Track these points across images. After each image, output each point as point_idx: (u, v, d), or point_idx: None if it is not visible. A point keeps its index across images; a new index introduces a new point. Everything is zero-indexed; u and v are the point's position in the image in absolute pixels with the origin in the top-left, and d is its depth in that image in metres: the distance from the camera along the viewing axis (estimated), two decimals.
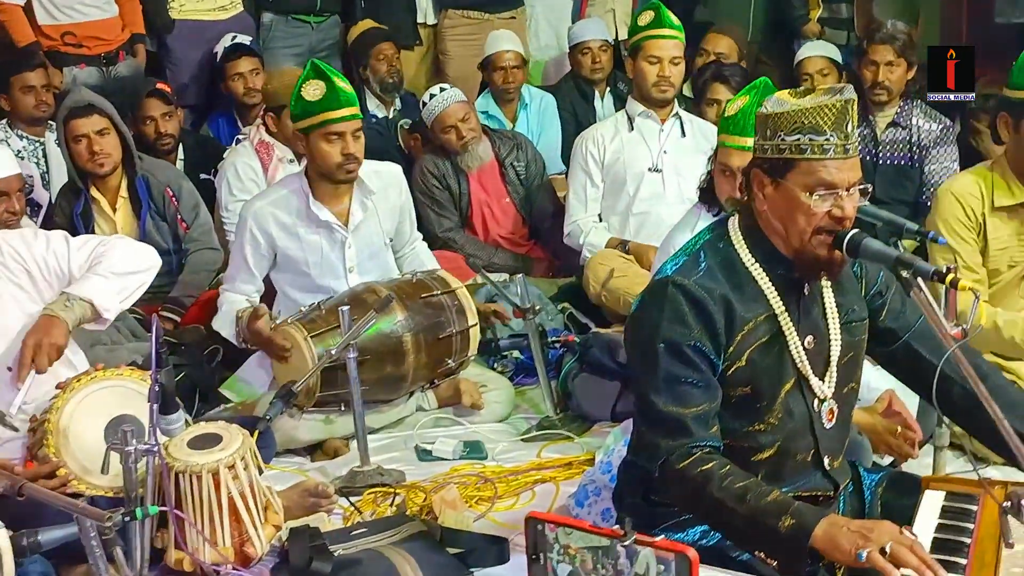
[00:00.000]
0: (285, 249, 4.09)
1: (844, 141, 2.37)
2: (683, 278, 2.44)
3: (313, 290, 4.12)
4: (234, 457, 2.87)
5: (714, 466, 2.37)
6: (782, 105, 2.39)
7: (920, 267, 2.36)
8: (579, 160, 4.99)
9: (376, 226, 4.20)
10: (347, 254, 4.13)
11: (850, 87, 2.42)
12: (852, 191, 2.40)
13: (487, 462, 3.79)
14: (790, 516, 2.26)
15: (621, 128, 4.94)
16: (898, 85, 5.11)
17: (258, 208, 4.10)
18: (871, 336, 2.65)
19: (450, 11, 6.48)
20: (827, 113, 2.35)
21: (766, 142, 2.42)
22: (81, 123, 4.49)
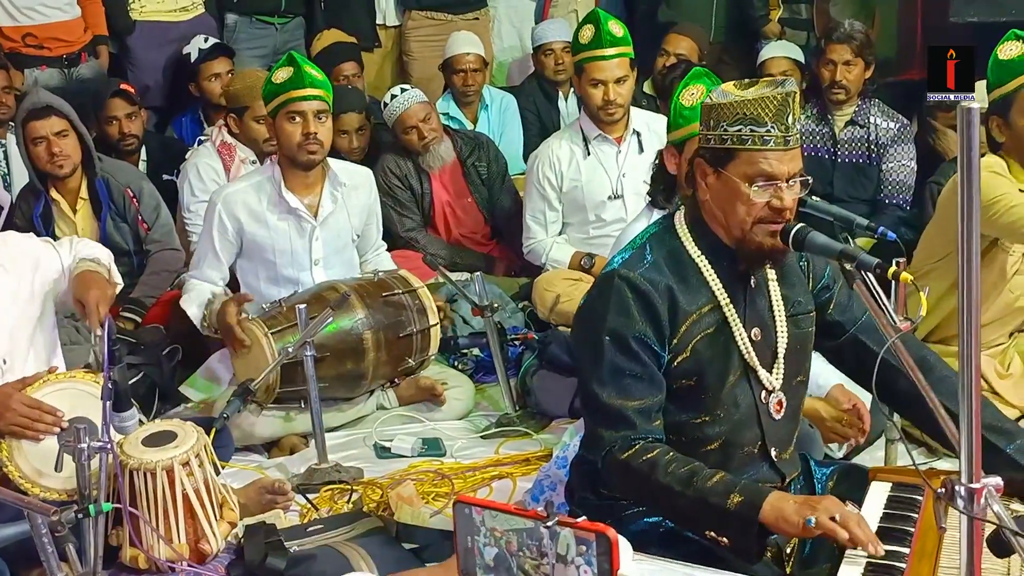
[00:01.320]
0: (252, 236, 4.10)
1: (784, 133, 2.40)
2: (628, 271, 2.48)
3: (277, 281, 4.15)
4: (188, 454, 2.88)
5: (658, 453, 2.41)
6: (726, 96, 2.43)
7: (863, 260, 2.39)
8: (535, 183, 4.85)
9: (345, 221, 4.22)
10: (314, 246, 4.15)
11: (792, 80, 2.46)
12: (792, 183, 2.44)
13: (445, 459, 3.81)
14: (738, 493, 2.31)
15: (576, 151, 4.76)
16: (856, 84, 5.16)
17: (228, 193, 4.13)
18: (818, 330, 2.68)
19: (414, 12, 6.49)
20: (768, 105, 2.38)
21: (709, 132, 2.45)
22: (39, 125, 4.47)
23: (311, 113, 3.96)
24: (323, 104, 4.01)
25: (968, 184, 1.80)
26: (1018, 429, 2.60)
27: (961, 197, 1.82)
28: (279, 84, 3.99)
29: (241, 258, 4.19)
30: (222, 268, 4.17)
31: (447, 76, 6.06)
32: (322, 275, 4.16)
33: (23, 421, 2.95)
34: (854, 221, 3.28)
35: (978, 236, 1.82)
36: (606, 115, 4.63)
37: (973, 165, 1.79)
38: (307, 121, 3.96)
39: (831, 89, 5.16)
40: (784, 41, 5.99)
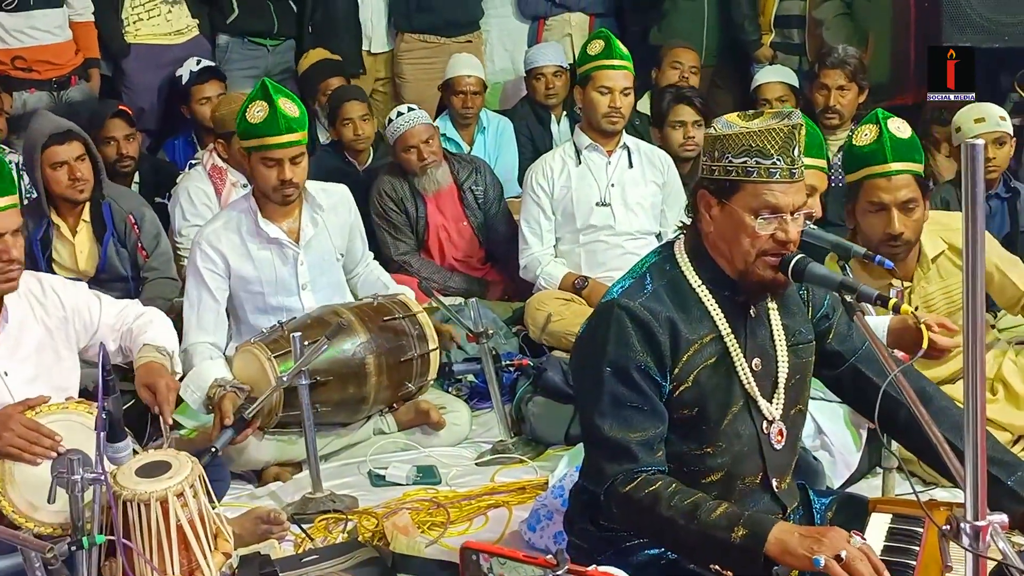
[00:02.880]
0: (238, 269, 4.07)
1: (790, 165, 2.40)
2: (629, 300, 2.47)
3: (266, 310, 4.11)
4: (183, 485, 2.84)
5: (660, 486, 2.40)
6: (731, 127, 2.42)
7: (863, 291, 2.39)
8: (530, 193, 4.95)
9: (327, 242, 4.20)
10: (299, 271, 4.12)
11: (797, 112, 2.46)
12: (797, 215, 2.43)
13: (440, 487, 3.78)
14: (742, 526, 2.30)
15: (569, 161, 4.91)
16: (849, 109, 5.19)
17: (209, 232, 4.10)
18: (818, 359, 2.68)
19: (406, 35, 6.49)
20: (774, 137, 2.38)
21: (714, 163, 2.44)
22: (61, 150, 4.42)
23: (287, 160, 3.91)
24: (299, 148, 3.94)
25: (972, 218, 1.80)
26: (1018, 461, 2.59)
27: (965, 231, 1.81)
28: (254, 125, 3.89)
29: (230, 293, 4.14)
30: (219, 310, 4.06)
31: (447, 97, 6.06)
32: (311, 299, 4.14)
33: (21, 443, 2.94)
34: (851, 249, 3.26)
35: (983, 271, 1.81)
36: (608, 123, 4.78)
37: (978, 200, 1.79)
38: (282, 168, 3.90)
39: (825, 114, 5.19)
40: (778, 65, 6.00)
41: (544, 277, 4.89)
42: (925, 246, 3.66)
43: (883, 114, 3.55)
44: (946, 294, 3.70)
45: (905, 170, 3.48)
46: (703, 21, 6.29)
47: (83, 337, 3.37)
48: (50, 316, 3.29)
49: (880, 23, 5.82)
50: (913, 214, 3.50)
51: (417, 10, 6.43)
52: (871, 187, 3.50)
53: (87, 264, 4.60)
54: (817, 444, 3.68)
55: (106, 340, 3.33)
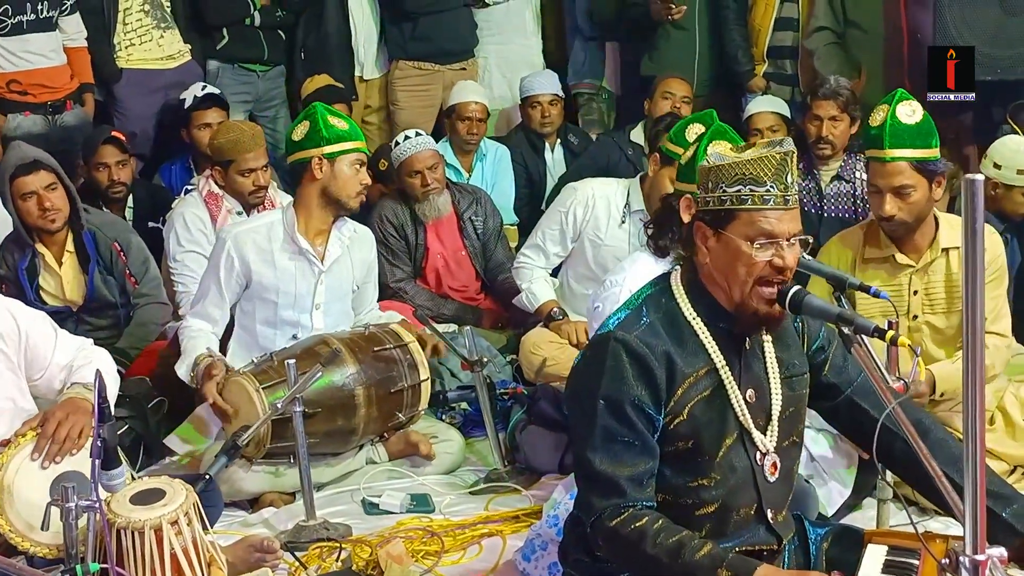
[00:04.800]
0: (259, 275, 4.10)
1: (784, 192, 2.41)
2: (625, 333, 2.47)
3: (275, 323, 4.14)
4: (177, 513, 2.83)
5: (647, 522, 2.40)
6: (723, 159, 2.44)
7: (860, 323, 2.41)
8: (561, 214, 4.80)
9: (348, 270, 4.24)
10: (318, 289, 4.16)
11: (789, 140, 2.48)
12: (792, 241, 2.44)
13: (434, 515, 3.78)
14: (725, 568, 2.32)
15: (614, 212, 4.71)
16: (842, 139, 5.21)
17: (239, 232, 4.15)
18: (814, 391, 2.68)
19: (400, 61, 6.50)
20: (767, 165, 2.40)
21: (708, 194, 2.46)
22: (29, 180, 4.42)
23: (359, 164, 4.11)
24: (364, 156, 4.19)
25: (972, 252, 1.81)
26: (1015, 494, 2.60)
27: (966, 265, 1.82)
28: (344, 131, 4.09)
29: (242, 299, 4.17)
30: (224, 307, 4.14)
31: (450, 122, 6.08)
32: (321, 320, 4.17)
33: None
34: (846, 280, 3.28)
35: (983, 302, 1.82)
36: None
37: (977, 233, 1.80)
38: (361, 173, 4.09)
39: (817, 144, 5.20)
40: (770, 96, 6.02)
41: (528, 294, 4.86)
42: (942, 233, 3.77)
43: (900, 96, 3.66)
44: (948, 289, 3.79)
45: (901, 157, 3.62)
46: (695, 51, 6.30)
47: (32, 369, 3.27)
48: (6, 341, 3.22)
49: (872, 54, 5.85)
50: (909, 198, 3.64)
51: (412, 38, 6.43)
52: (871, 169, 3.72)
53: (74, 294, 4.60)
54: (810, 471, 3.68)
55: (53, 380, 3.28)
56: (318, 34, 6.35)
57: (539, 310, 4.82)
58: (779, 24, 6.17)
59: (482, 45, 6.72)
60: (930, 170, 3.64)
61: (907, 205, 3.64)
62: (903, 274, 3.77)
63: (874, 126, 3.66)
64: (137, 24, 5.85)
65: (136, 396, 4.22)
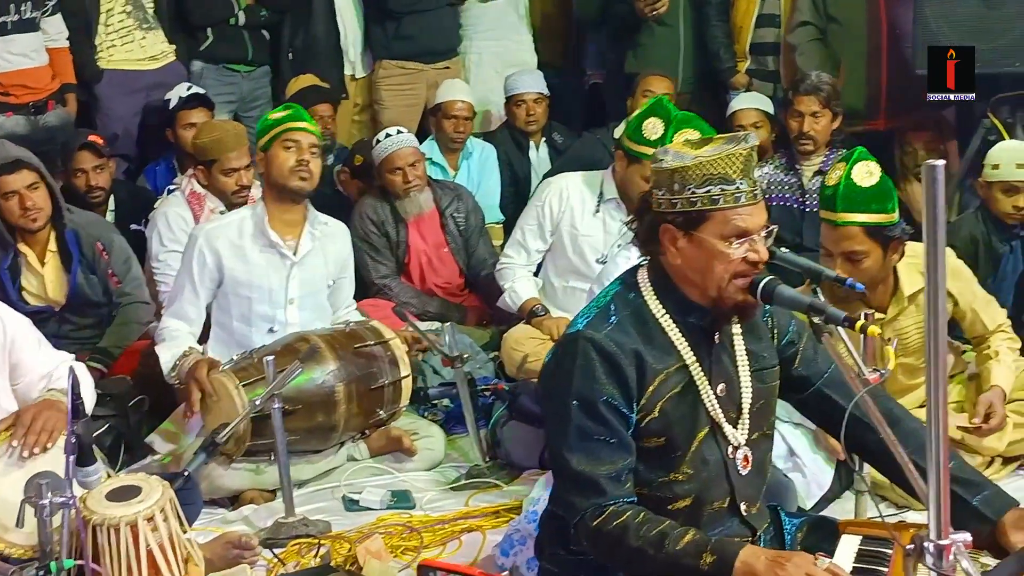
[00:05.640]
0: (231, 270, 4.12)
1: (752, 187, 2.43)
2: (594, 332, 2.47)
3: (249, 320, 4.15)
4: (153, 509, 2.82)
5: (628, 516, 2.41)
6: (683, 158, 2.42)
7: (832, 313, 2.41)
8: (537, 208, 4.83)
9: (322, 265, 4.26)
10: (290, 284, 4.17)
11: (752, 134, 2.48)
12: (763, 233, 2.45)
13: (415, 511, 3.78)
14: (710, 553, 2.33)
15: (588, 202, 4.73)
16: (823, 135, 5.21)
17: (210, 229, 4.19)
18: (785, 384, 2.68)
19: (384, 61, 6.50)
20: (735, 161, 2.39)
21: (675, 196, 2.44)
22: (11, 179, 4.41)
23: (306, 144, 4.09)
24: (316, 140, 4.16)
25: (933, 240, 1.81)
26: (984, 481, 2.61)
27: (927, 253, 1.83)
28: (276, 119, 4.14)
29: (217, 296, 4.18)
30: (199, 305, 4.16)
31: (436, 121, 6.08)
32: (296, 315, 4.18)
33: None
34: (822, 272, 3.28)
35: (944, 293, 1.83)
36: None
37: (939, 221, 1.80)
38: (301, 149, 4.08)
39: (799, 140, 5.21)
40: (754, 92, 6.03)
41: (510, 293, 4.86)
42: (903, 282, 3.67)
43: (858, 155, 3.54)
44: (921, 330, 3.69)
45: (853, 221, 3.47)
46: (679, 49, 6.30)
47: (14, 375, 3.27)
48: None
49: (853, 49, 5.86)
50: (861, 264, 3.48)
51: (395, 38, 6.43)
52: (823, 231, 3.56)
53: (57, 293, 4.58)
54: (790, 466, 3.69)
55: (31, 388, 3.28)
56: (306, 34, 6.35)
57: (521, 308, 4.82)
58: (761, 21, 6.17)
59: (475, 42, 6.71)
60: (886, 235, 3.49)
61: (858, 272, 3.42)
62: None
63: (828, 186, 3.52)
64: (119, 25, 5.84)
65: (117, 395, 4.22)
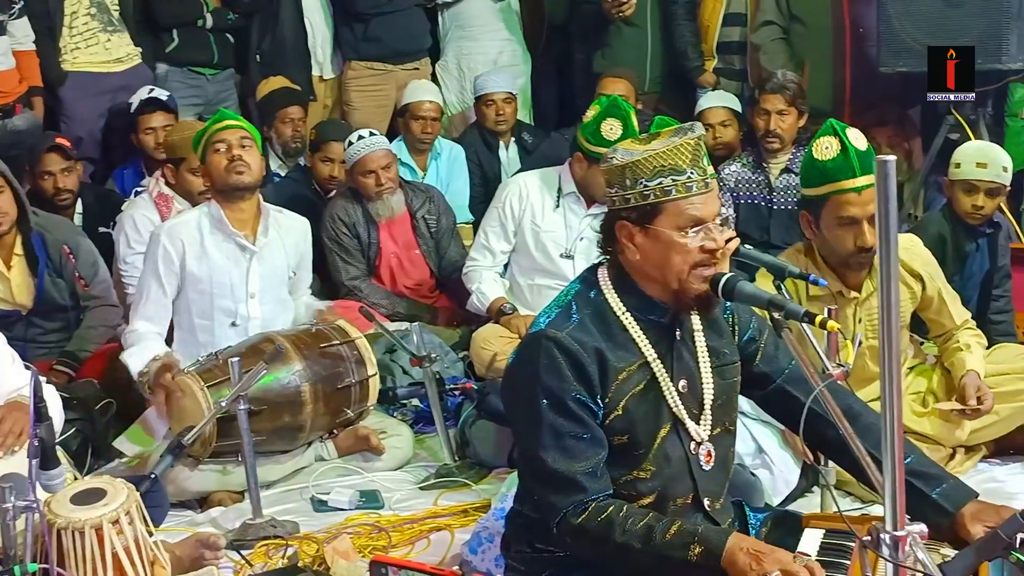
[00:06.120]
0: (192, 266, 4.16)
1: (703, 176, 2.45)
2: (556, 331, 2.47)
3: (211, 315, 4.19)
4: (118, 512, 2.82)
5: (612, 511, 2.42)
6: (632, 154, 2.45)
7: (791, 309, 2.43)
8: (499, 209, 4.87)
9: (281, 257, 4.30)
10: (251, 278, 4.21)
11: (699, 124, 2.51)
12: (718, 222, 2.48)
13: (383, 511, 3.78)
14: (697, 544, 2.36)
15: (548, 199, 4.78)
16: (790, 133, 5.24)
17: (170, 226, 4.25)
18: (747, 381, 2.71)
19: (353, 62, 6.49)
20: (683, 152, 2.42)
21: (628, 192, 2.46)
22: None
23: (235, 140, 4.14)
24: (246, 133, 4.19)
25: (886, 234, 1.83)
26: (943, 473, 2.63)
27: (880, 248, 1.85)
28: (202, 130, 4.24)
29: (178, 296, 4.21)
30: (166, 304, 4.18)
31: (404, 122, 6.09)
32: (257, 309, 4.22)
33: None
34: (785, 268, 3.31)
35: (897, 284, 1.85)
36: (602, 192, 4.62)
37: (891, 215, 1.82)
38: (231, 147, 4.12)
39: (766, 138, 5.24)
40: (721, 91, 6.06)
41: (477, 294, 4.88)
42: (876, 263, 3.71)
43: (839, 125, 3.58)
44: None
45: (871, 184, 3.47)
46: (646, 48, 6.33)
47: None
48: None
49: (817, 48, 5.89)
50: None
51: (364, 39, 6.43)
52: (840, 202, 3.53)
53: (24, 297, 4.55)
54: (758, 463, 3.71)
55: None
56: (273, 36, 6.34)
57: (489, 308, 4.83)
58: (727, 20, 6.21)
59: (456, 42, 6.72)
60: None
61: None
62: (848, 307, 3.73)
63: (832, 157, 3.53)
64: (83, 27, 5.81)
65: (84, 399, 4.20)
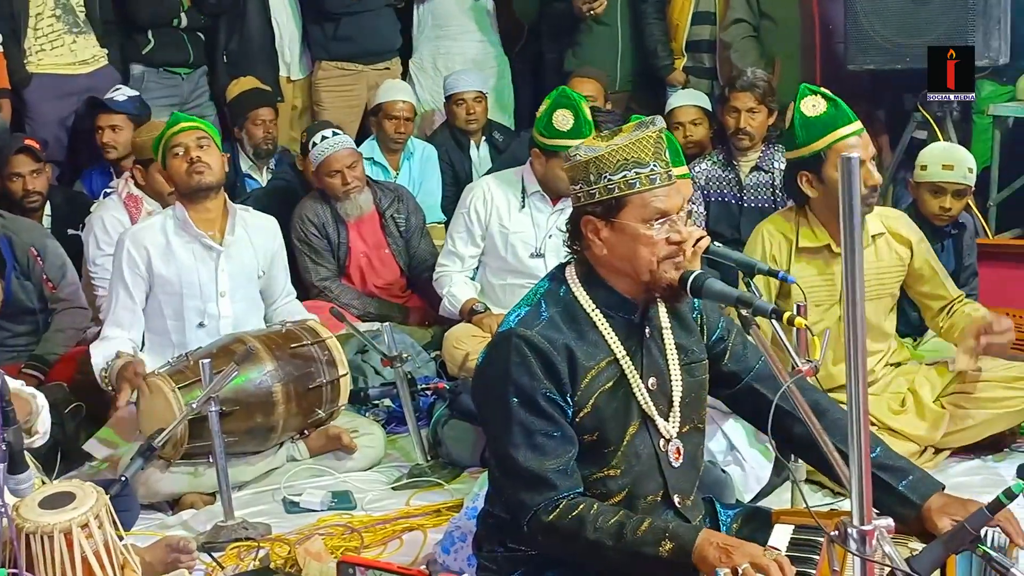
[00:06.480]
0: (160, 269, 4.15)
1: (666, 169, 2.47)
2: (526, 329, 2.48)
3: (182, 316, 4.18)
4: (87, 516, 2.80)
5: (583, 509, 2.42)
6: (596, 150, 2.47)
7: (759, 306, 2.44)
8: (464, 215, 4.85)
9: (250, 255, 4.30)
10: (220, 276, 4.21)
11: (660, 118, 2.54)
12: (682, 215, 2.49)
13: (355, 512, 3.77)
14: (668, 540, 2.36)
15: (513, 200, 4.76)
16: (760, 130, 5.26)
17: (134, 231, 4.25)
18: (715, 380, 2.72)
19: (324, 62, 6.49)
20: (645, 145, 2.45)
21: (592, 187, 2.48)
22: None
23: (191, 142, 4.13)
24: (202, 132, 4.19)
25: (850, 230, 1.84)
26: (910, 466, 2.64)
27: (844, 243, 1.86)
28: (159, 136, 4.23)
29: (148, 298, 4.20)
30: (135, 309, 4.17)
31: (377, 121, 6.08)
32: (228, 308, 4.22)
33: None
34: (755, 266, 3.32)
35: (862, 282, 1.86)
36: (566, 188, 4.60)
37: (855, 212, 1.83)
38: (188, 150, 4.12)
39: (736, 136, 5.25)
40: (691, 89, 6.08)
41: (448, 297, 4.86)
42: (868, 221, 3.82)
43: (813, 87, 3.74)
44: (878, 274, 3.86)
45: (862, 128, 3.69)
46: (617, 47, 6.35)
47: None
48: None
49: (787, 46, 5.93)
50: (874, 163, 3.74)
51: (334, 39, 6.43)
52: (844, 147, 3.63)
53: None
54: (729, 460, 3.73)
55: None
56: (241, 36, 6.33)
57: (461, 309, 4.82)
58: (697, 18, 6.24)
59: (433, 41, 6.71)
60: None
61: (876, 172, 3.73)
62: (836, 263, 3.79)
63: (824, 111, 3.67)
64: (48, 29, 5.77)
65: (53, 402, 4.13)
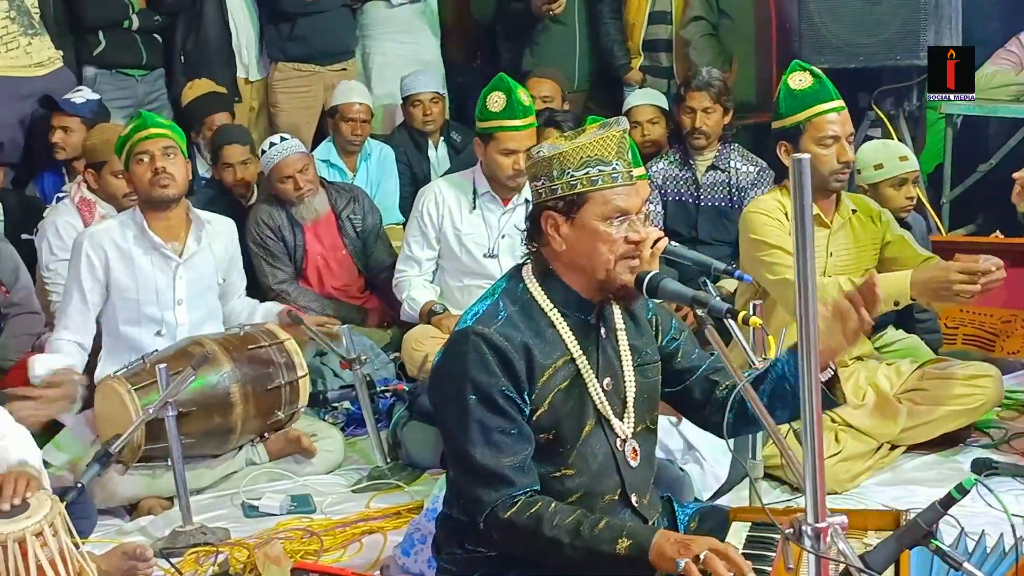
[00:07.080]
0: (117, 273, 4.10)
1: (628, 168, 2.49)
2: (484, 327, 2.48)
3: (138, 321, 4.13)
4: (42, 524, 2.78)
5: (540, 507, 2.43)
6: (559, 147, 2.48)
7: (714, 305, 2.46)
8: (417, 219, 4.82)
9: (210, 264, 4.26)
10: (178, 284, 4.17)
11: (623, 119, 2.56)
12: (641, 215, 2.51)
13: (315, 515, 3.76)
14: (625, 537, 2.37)
15: (464, 201, 4.74)
16: (715, 129, 5.29)
17: (93, 232, 4.18)
18: (668, 379, 2.73)
19: (280, 64, 6.46)
20: (609, 144, 2.46)
21: (554, 182, 2.49)
22: None
23: (157, 151, 4.05)
24: (169, 141, 4.10)
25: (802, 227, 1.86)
26: None
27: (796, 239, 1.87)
28: (124, 136, 4.12)
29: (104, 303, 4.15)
30: (88, 313, 4.11)
31: (334, 123, 6.06)
32: (185, 315, 4.17)
33: None
34: (711, 265, 3.35)
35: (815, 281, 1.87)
36: (514, 183, 4.63)
37: (806, 211, 1.85)
38: (154, 159, 4.04)
39: (692, 135, 5.29)
40: (648, 88, 6.10)
41: (408, 301, 4.84)
42: (844, 199, 3.96)
43: (803, 63, 3.91)
44: (857, 250, 3.96)
45: (844, 106, 3.84)
46: (575, 46, 6.37)
47: None
48: None
49: (744, 44, 5.98)
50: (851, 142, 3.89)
51: (290, 39, 6.40)
52: (823, 122, 3.79)
53: None
54: (688, 458, 3.74)
55: None
56: (197, 37, 6.28)
57: (421, 312, 4.79)
58: (653, 18, 6.27)
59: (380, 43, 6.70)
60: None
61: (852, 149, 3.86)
62: (821, 235, 3.86)
63: (809, 85, 3.79)
64: (3, 31, 5.69)
65: None
